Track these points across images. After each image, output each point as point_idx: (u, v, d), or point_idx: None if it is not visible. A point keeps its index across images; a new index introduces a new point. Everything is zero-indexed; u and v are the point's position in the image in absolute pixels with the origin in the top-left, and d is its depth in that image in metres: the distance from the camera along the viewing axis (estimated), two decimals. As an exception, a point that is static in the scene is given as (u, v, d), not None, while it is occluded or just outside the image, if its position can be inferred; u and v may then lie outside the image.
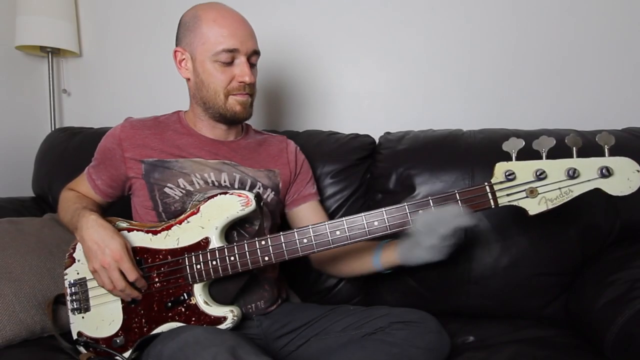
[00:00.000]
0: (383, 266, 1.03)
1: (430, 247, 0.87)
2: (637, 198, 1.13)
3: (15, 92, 1.85)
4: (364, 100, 1.67)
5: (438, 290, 1.25)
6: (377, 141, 1.47)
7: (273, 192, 1.14)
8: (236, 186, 1.09)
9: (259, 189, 1.11)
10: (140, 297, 0.97)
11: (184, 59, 1.07)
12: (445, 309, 1.24)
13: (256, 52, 1.06)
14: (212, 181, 1.07)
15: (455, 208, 0.85)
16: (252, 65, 1.07)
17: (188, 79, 1.09)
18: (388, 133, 1.46)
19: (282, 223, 1.22)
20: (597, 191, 0.81)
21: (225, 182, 1.08)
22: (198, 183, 1.06)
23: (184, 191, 1.05)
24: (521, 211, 0.84)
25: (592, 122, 1.37)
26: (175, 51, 1.08)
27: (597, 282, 1.07)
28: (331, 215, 1.36)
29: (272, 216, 1.15)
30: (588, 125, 1.30)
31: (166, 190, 1.05)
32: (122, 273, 0.93)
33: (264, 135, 1.23)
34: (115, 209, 1.16)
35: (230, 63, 1.02)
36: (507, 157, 0.84)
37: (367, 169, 1.42)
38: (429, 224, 0.85)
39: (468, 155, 1.26)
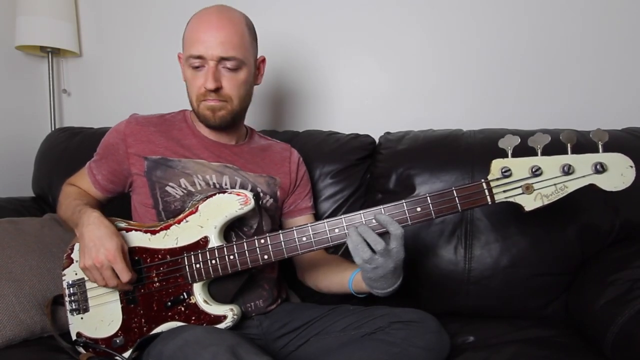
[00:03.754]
0: (354, 288, 1.02)
1: (360, 267, 0.89)
2: (637, 198, 1.15)
3: (15, 92, 1.85)
4: (364, 100, 1.67)
5: (438, 290, 1.25)
6: (377, 141, 1.47)
7: (272, 199, 1.14)
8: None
9: (254, 191, 1.11)
10: (131, 289, 0.97)
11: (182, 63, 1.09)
12: (445, 309, 1.24)
13: (227, 58, 1.00)
14: (214, 183, 1.07)
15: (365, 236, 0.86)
16: (231, 70, 1.02)
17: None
18: (388, 133, 1.46)
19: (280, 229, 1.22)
20: (592, 187, 0.82)
21: (226, 184, 1.08)
22: (200, 184, 1.06)
23: (185, 191, 1.05)
24: (517, 207, 0.85)
25: (592, 122, 1.37)
26: (178, 56, 1.10)
27: (597, 282, 1.07)
28: (331, 216, 1.36)
29: (272, 221, 1.15)
30: (588, 125, 1.30)
31: (167, 189, 1.05)
32: (115, 272, 0.93)
33: (269, 142, 1.23)
34: (115, 208, 1.16)
35: (200, 67, 1.02)
36: (503, 155, 0.85)
37: (367, 169, 1.42)
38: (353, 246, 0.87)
39: (468, 155, 1.26)
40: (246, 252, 0.93)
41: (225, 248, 0.94)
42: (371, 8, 1.63)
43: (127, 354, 0.97)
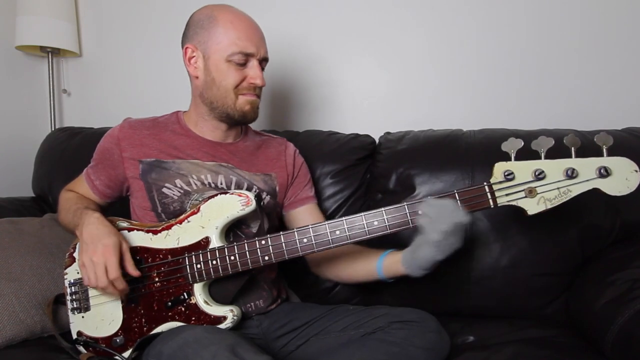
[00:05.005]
0: (385, 273, 1.02)
1: (432, 244, 0.86)
2: (637, 198, 1.14)
3: (15, 92, 1.85)
4: (364, 100, 1.68)
5: (438, 290, 1.25)
6: (377, 141, 1.47)
7: (269, 196, 1.14)
8: (233, 188, 1.09)
9: (255, 192, 1.11)
10: (118, 296, 0.96)
11: (194, 56, 1.06)
12: (445, 309, 1.24)
13: (266, 59, 1.08)
14: (209, 183, 1.07)
15: (452, 204, 0.85)
16: (263, 70, 1.08)
17: (196, 77, 1.08)
18: (388, 133, 1.46)
19: (280, 225, 1.22)
20: (596, 191, 0.81)
21: (221, 184, 1.08)
22: (195, 184, 1.06)
23: (181, 191, 1.05)
24: (520, 211, 0.84)
25: (592, 122, 1.37)
26: (186, 48, 1.07)
27: (597, 282, 1.07)
28: (331, 216, 1.36)
29: (269, 218, 1.15)
30: (588, 125, 1.30)
31: (164, 190, 1.05)
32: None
33: (263, 137, 1.23)
34: (115, 210, 1.16)
35: (243, 64, 1.03)
36: (506, 158, 0.84)
37: (367, 169, 1.42)
38: (431, 218, 0.85)
39: (468, 155, 1.26)
40: (247, 252, 0.93)
41: (226, 249, 0.94)
42: (372, 9, 1.63)
43: (127, 354, 0.97)
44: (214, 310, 0.95)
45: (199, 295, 0.95)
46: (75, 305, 1.03)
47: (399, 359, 0.90)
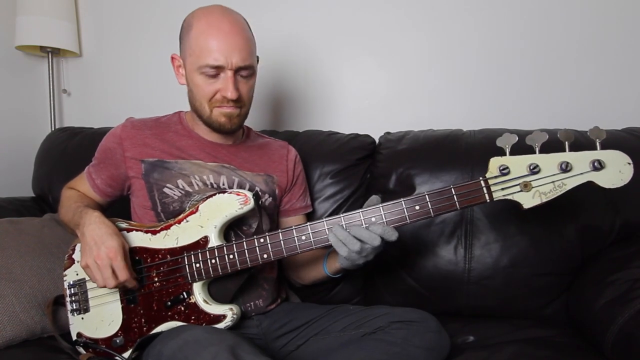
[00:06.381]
0: (330, 271, 1.07)
1: (343, 258, 0.92)
2: (637, 198, 1.14)
3: (15, 92, 1.85)
4: (364, 100, 1.68)
5: (438, 290, 1.25)
6: (377, 141, 1.47)
7: (271, 198, 1.14)
8: (234, 189, 1.09)
9: (254, 191, 1.11)
10: (135, 286, 0.97)
11: (179, 65, 1.07)
12: (445, 309, 1.24)
13: (245, 67, 1.01)
14: (211, 183, 1.07)
15: (360, 231, 0.88)
16: (244, 77, 1.03)
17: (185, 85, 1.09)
18: (388, 133, 1.46)
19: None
20: (590, 184, 0.82)
21: (224, 184, 1.08)
22: (197, 185, 1.06)
23: (182, 191, 1.05)
24: (516, 205, 0.85)
25: (592, 122, 1.36)
26: (172, 57, 1.08)
27: (597, 282, 1.07)
28: (331, 216, 1.36)
29: (271, 219, 1.15)
30: (588, 125, 1.29)
31: (165, 190, 1.05)
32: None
33: (266, 139, 1.24)
34: (115, 209, 1.16)
35: (215, 76, 1.00)
36: (502, 154, 0.85)
37: (367, 169, 1.42)
38: (336, 242, 0.90)
39: (468, 155, 1.26)
40: (246, 251, 0.93)
41: (225, 247, 0.94)
42: (371, 9, 1.63)
43: (127, 354, 0.97)
44: (214, 309, 0.95)
45: (199, 294, 0.95)
46: (74, 307, 1.03)
47: (399, 358, 0.90)
